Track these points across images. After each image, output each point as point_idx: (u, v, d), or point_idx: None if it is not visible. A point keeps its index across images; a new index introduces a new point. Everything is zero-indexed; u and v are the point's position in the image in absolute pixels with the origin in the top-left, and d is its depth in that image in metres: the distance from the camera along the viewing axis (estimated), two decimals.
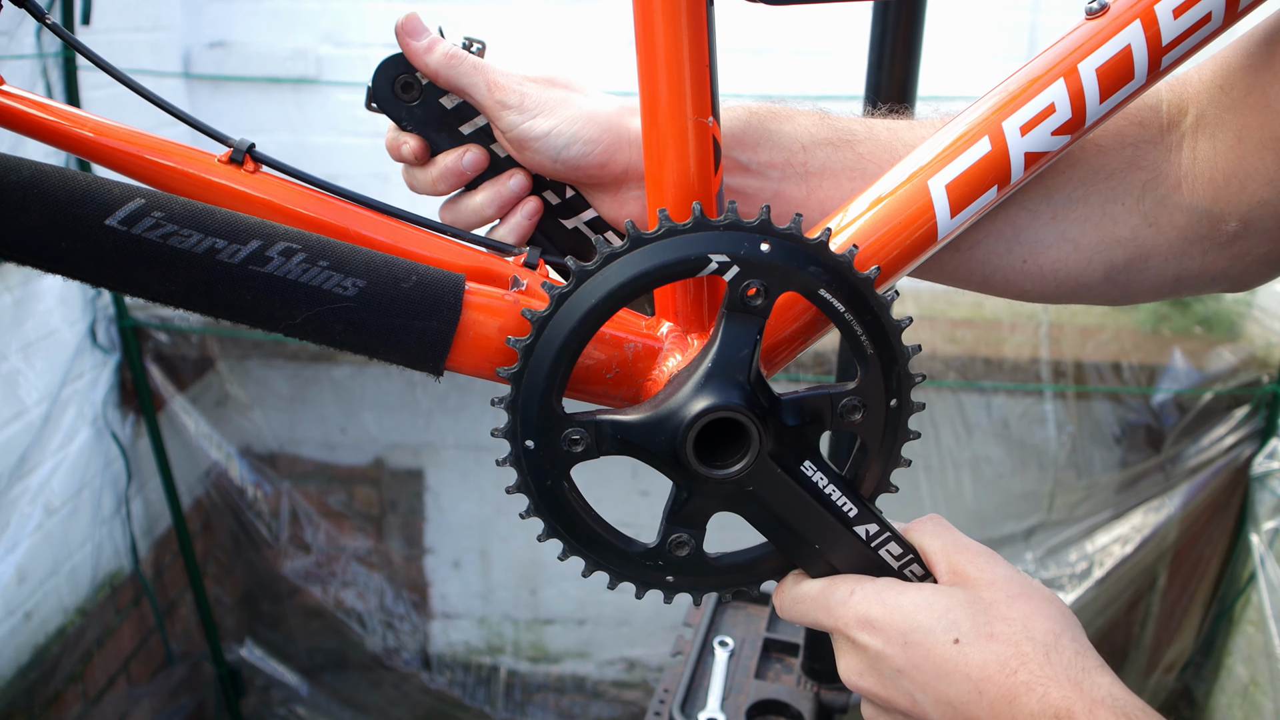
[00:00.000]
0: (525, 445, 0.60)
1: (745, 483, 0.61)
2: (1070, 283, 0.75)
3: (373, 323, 0.60)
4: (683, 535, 0.63)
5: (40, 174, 0.56)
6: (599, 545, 0.63)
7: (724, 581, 0.66)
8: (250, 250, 0.58)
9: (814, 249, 0.59)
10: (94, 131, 0.65)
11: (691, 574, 0.64)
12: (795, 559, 0.65)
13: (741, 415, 0.59)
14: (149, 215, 0.56)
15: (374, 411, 3.17)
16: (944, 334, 2.69)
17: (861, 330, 0.60)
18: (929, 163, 0.66)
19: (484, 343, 0.62)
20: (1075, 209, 0.73)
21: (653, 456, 0.60)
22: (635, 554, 0.64)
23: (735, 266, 0.58)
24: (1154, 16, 0.63)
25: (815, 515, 0.63)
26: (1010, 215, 0.73)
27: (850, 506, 0.63)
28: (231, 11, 2.93)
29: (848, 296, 0.59)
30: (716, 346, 0.60)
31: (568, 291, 0.59)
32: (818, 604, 0.64)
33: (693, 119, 0.63)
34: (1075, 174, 0.73)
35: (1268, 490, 2.59)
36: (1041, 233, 0.73)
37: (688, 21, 0.61)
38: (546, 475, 0.61)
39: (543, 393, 0.59)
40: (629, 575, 0.64)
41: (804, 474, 0.62)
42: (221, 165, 0.66)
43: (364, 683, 3.35)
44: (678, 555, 0.63)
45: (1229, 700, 2.74)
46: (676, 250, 0.58)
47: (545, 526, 0.63)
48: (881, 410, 0.62)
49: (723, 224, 0.58)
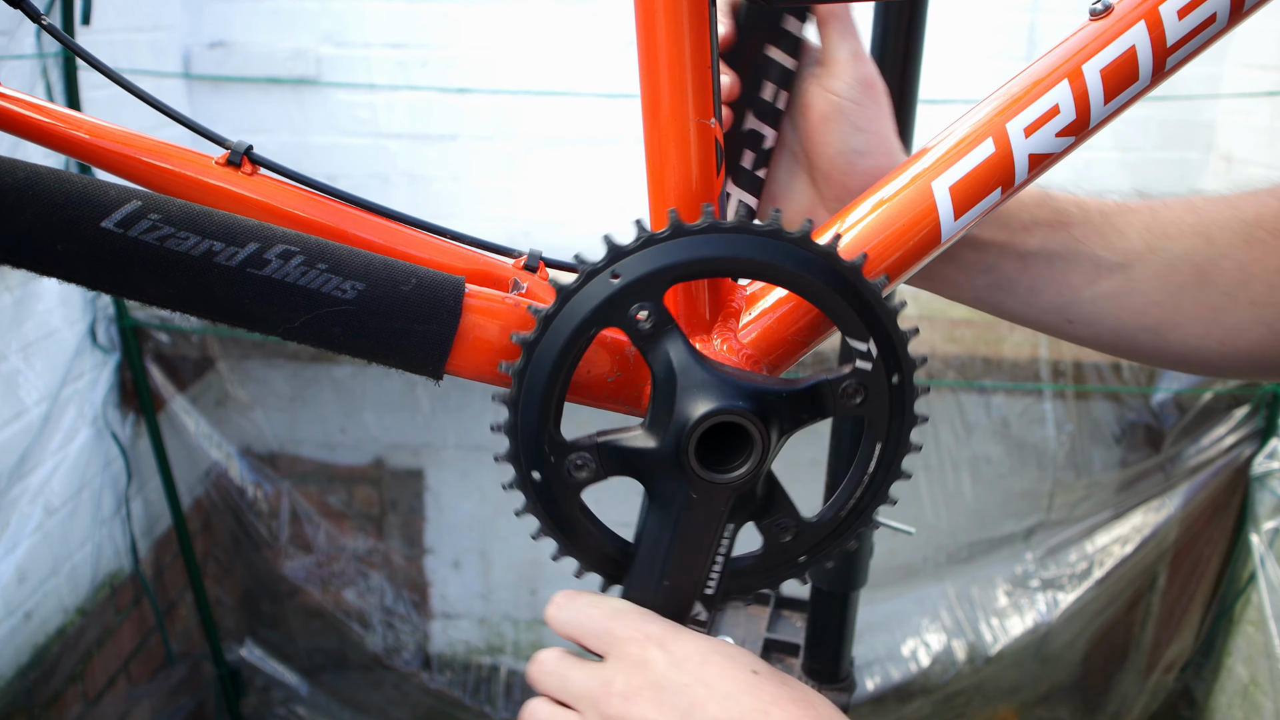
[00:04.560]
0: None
1: (696, 489, 0.60)
2: (1265, 362, 0.77)
3: (372, 326, 0.59)
4: (592, 462, 0.61)
5: (35, 176, 0.56)
6: (538, 396, 0.60)
7: (560, 526, 0.62)
8: (248, 253, 0.57)
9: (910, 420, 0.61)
10: (90, 133, 0.65)
11: (553, 493, 0.62)
12: (635, 572, 0.63)
13: (762, 444, 0.59)
14: (146, 217, 0.56)
15: (374, 411, 3.17)
16: (943, 333, 2.69)
17: (859, 497, 0.62)
18: (932, 165, 0.65)
19: (484, 346, 0.62)
20: (1273, 295, 0.75)
21: (671, 392, 0.59)
22: (549, 433, 0.61)
23: (870, 367, 0.60)
24: (1159, 17, 0.63)
25: (693, 564, 0.61)
26: (1210, 300, 0.75)
27: (713, 588, 0.62)
28: (231, 11, 2.92)
29: (886, 467, 0.62)
30: (803, 389, 0.61)
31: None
32: (620, 615, 0.60)
33: (695, 120, 0.62)
34: (1271, 261, 0.74)
35: (1268, 490, 2.59)
36: (1240, 316, 0.75)
37: (690, 22, 0.60)
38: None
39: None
40: (521, 440, 0.61)
41: (723, 530, 0.61)
42: (219, 167, 0.65)
43: (364, 683, 3.35)
44: (569, 471, 0.61)
45: (1229, 700, 2.74)
46: (857, 305, 0.59)
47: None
48: (796, 552, 0.64)
49: (905, 333, 0.60)
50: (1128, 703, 2.93)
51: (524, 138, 2.98)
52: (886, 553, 2.42)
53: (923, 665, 2.92)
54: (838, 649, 1.39)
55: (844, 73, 0.72)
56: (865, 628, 2.32)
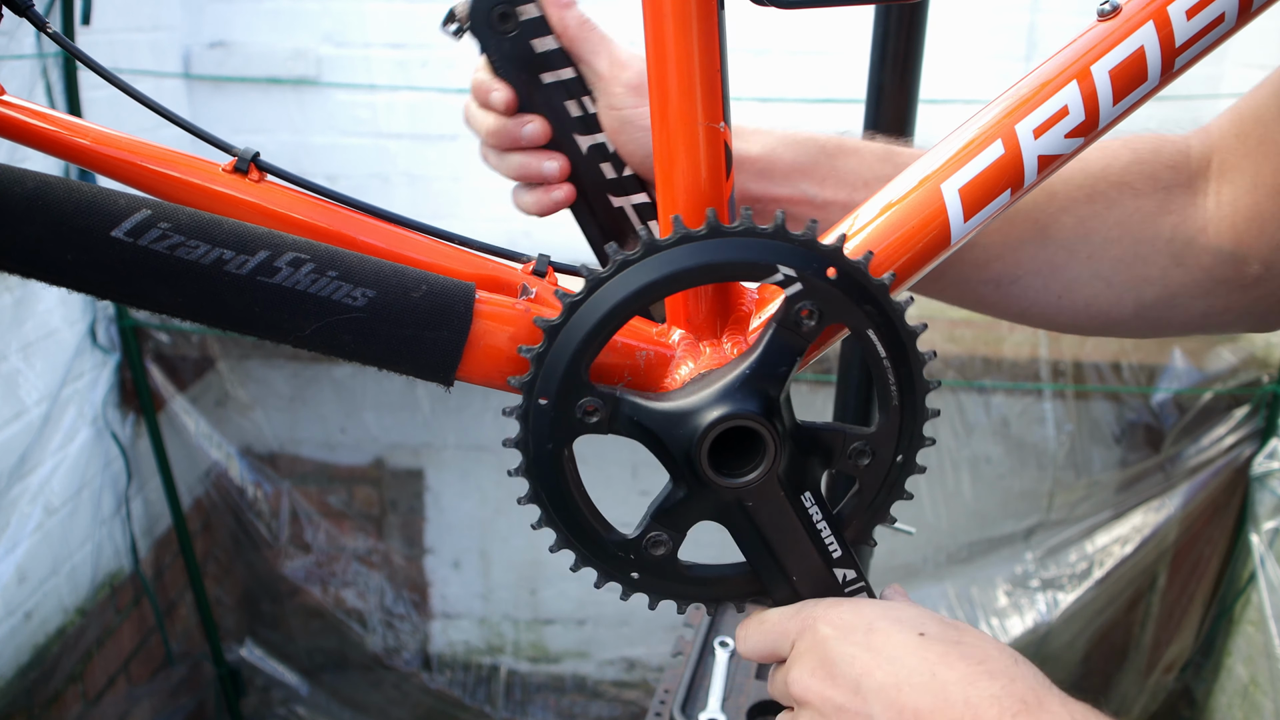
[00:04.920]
0: (538, 401, 0.59)
1: (746, 497, 0.60)
2: (1102, 317, 0.78)
3: (382, 333, 0.59)
4: (663, 535, 0.62)
5: (45, 186, 0.55)
6: (578, 523, 0.62)
7: (686, 592, 0.64)
8: (258, 261, 0.57)
9: (876, 290, 0.59)
10: (95, 141, 0.64)
11: (658, 576, 0.63)
12: (768, 586, 0.64)
13: (764, 429, 0.58)
14: (155, 226, 0.56)
15: (374, 411, 3.16)
16: (943, 333, 2.69)
17: (894, 380, 0.60)
18: (941, 166, 0.65)
19: (495, 352, 0.61)
20: (1110, 249, 0.76)
21: (663, 448, 0.60)
22: (610, 541, 0.62)
23: (799, 284, 0.58)
24: (1167, 18, 0.63)
25: (802, 547, 0.62)
26: (1049, 255, 0.76)
27: (836, 548, 0.63)
28: (231, 11, 2.92)
29: (893, 345, 0.59)
30: (758, 355, 0.59)
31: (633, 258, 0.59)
32: (786, 616, 0.62)
33: (704, 124, 0.62)
34: (1111, 216, 0.76)
35: (1268, 490, 2.59)
36: (1077, 271, 0.77)
37: (698, 25, 0.60)
38: (549, 438, 0.60)
39: (576, 354, 0.58)
40: (596, 561, 0.63)
41: (802, 504, 0.61)
42: (226, 174, 0.65)
43: (364, 683, 3.35)
44: (652, 554, 0.62)
45: (1229, 700, 2.74)
46: (748, 252, 0.58)
47: (530, 490, 0.61)
48: (887, 463, 0.62)
49: (799, 238, 0.58)
50: (1128, 703, 2.93)
51: None
52: (886, 553, 2.42)
53: None
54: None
55: (611, 85, 0.73)
56: None
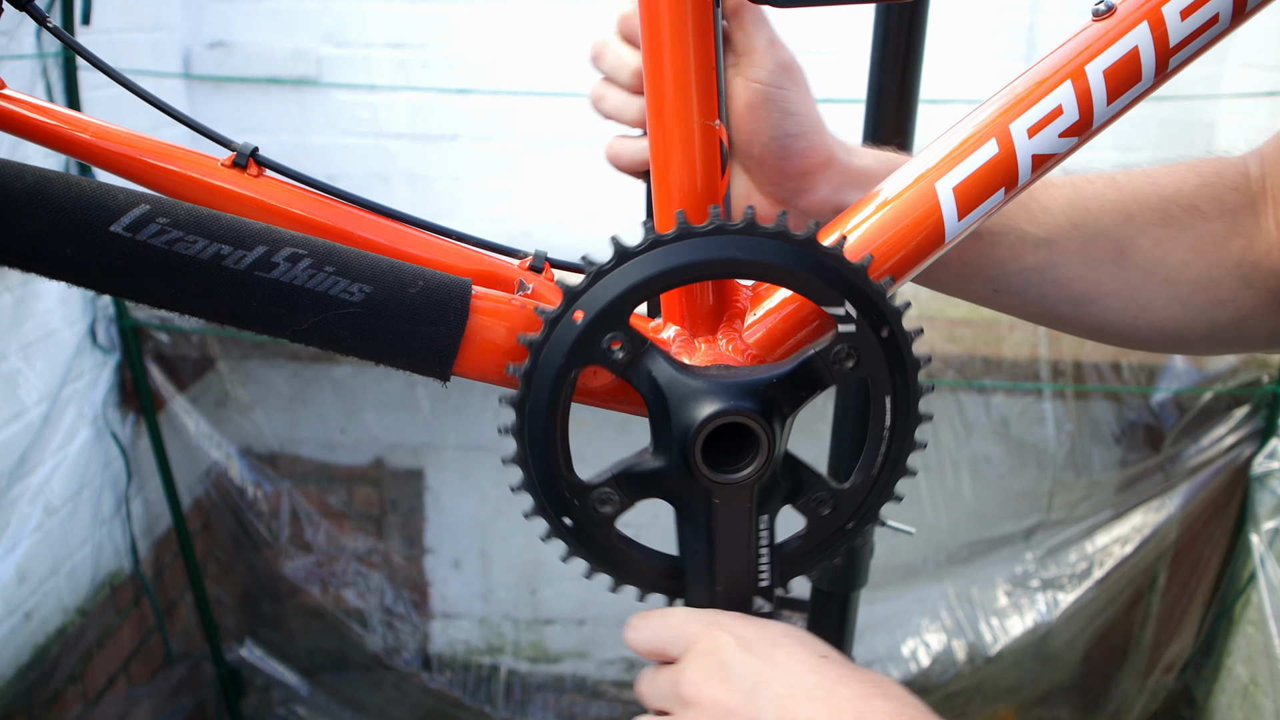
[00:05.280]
0: (572, 317, 0.59)
1: (717, 494, 0.60)
2: (1176, 338, 0.80)
3: (379, 328, 0.59)
4: (614, 495, 0.62)
5: (44, 180, 0.56)
6: (543, 449, 0.61)
7: (606, 560, 0.64)
8: (256, 256, 0.57)
9: (911, 364, 0.60)
10: (95, 135, 0.65)
11: (588, 533, 0.62)
12: (689, 584, 0.64)
13: (767, 438, 0.59)
14: (154, 221, 0.56)
15: (374, 411, 3.17)
16: (943, 333, 2.69)
17: (885, 451, 0.62)
18: (935, 165, 0.65)
19: (491, 347, 0.62)
20: (1186, 272, 0.78)
21: (664, 414, 0.60)
22: (564, 478, 0.61)
23: (853, 326, 0.59)
24: (1161, 18, 0.63)
25: (738, 562, 0.62)
26: (1127, 276, 0.78)
27: (765, 578, 0.63)
28: (231, 11, 2.92)
29: (901, 418, 0.61)
30: (789, 370, 0.60)
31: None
32: (691, 617, 0.62)
33: (699, 122, 0.62)
34: (1185, 239, 0.77)
35: (1268, 490, 2.59)
36: (1154, 293, 0.78)
37: (694, 24, 0.60)
38: (565, 353, 0.59)
39: (632, 289, 0.58)
40: (541, 492, 0.62)
41: (758, 523, 0.62)
42: (225, 169, 0.65)
43: (364, 683, 3.35)
44: (595, 507, 0.62)
45: (1229, 700, 2.74)
46: (828, 276, 0.59)
47: (517, 394, 0.61)
48: (840, 522, 0.64)
49: (877, 288, 0.59)
50: (1128, 703, 2.93)
51: (524, 138, 2.98)
52: (886, 553, 2.42)
53: (923, 665, 2.92)
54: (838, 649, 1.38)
55: (764, 60, 0.72)
56: (865, 628, 2.32)
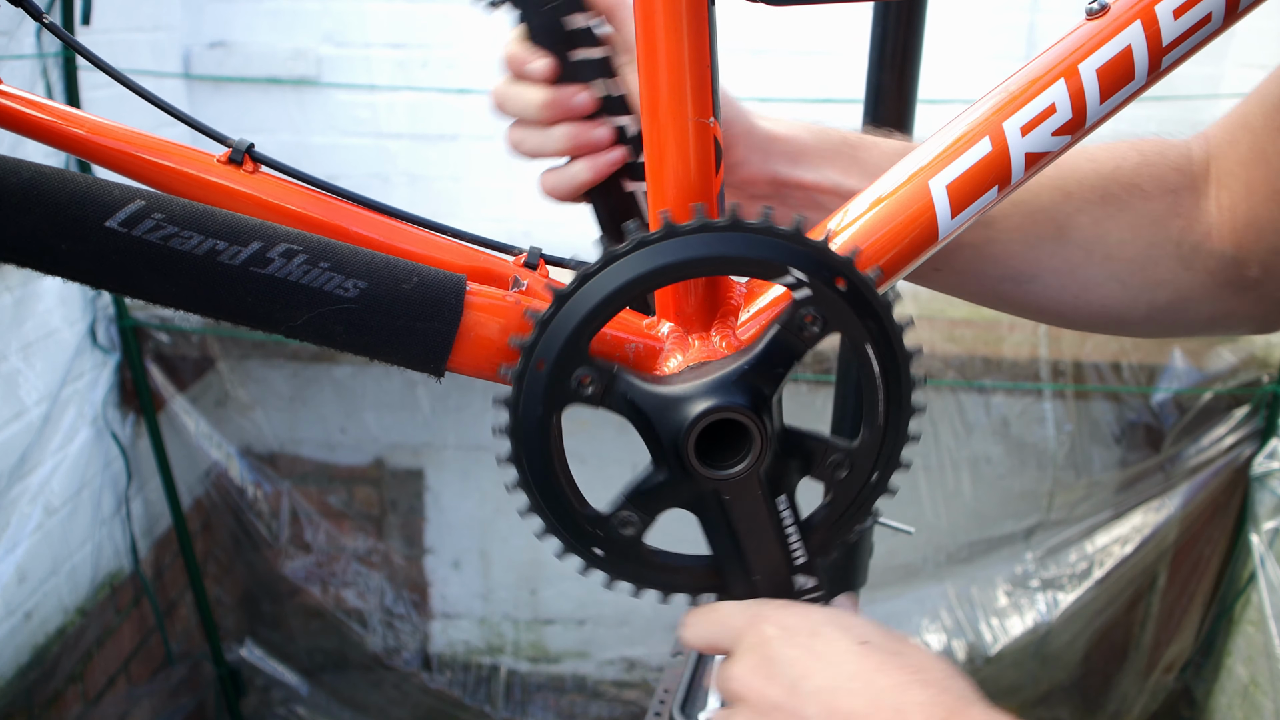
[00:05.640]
0: (535, 366, 0.59)
1: (725, 490, 0.61)
2: (1116, 318, 0.81)
3: (374, 324, 0.60)
4: (633, 515, 0.62)
5: (40, 176, 0.56)
6: (553, 491, 0.62)
7: (646, 576, 0.64)
8: (251, 252, 0.57)
9: (880, 307, 0.59)
10: (91, 131, 0.65)
11: (621, 556, 0.63)
12: (727, 580, 0.64)
13: (754, 424, 0.59)
14: (149, 217, 0.56)
15: (374, 411, 3.17)
16: (943, 333, 2.69)
17: (884, 399, 0.61)
18: (929, 163, 0.66)
19: (485, 343, 0.62)
20: (1124, 250, 0.78)
21: (651, 430, 0.60)
22: (582, 514, 0.62)
23: (808, 289, 0.59)
24: (1154, 17, 0.63)
25: (768, 547, 0.63)
26: (1066, 254, 0.78)
27: (800, 554, 0.63)
28: (231, 11, 2.93)
29: (888, 363, 0.60)
30: (758, 353, 0.60)
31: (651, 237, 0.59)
32: (736, 611, 0.62)
33: (693, 119, 0.62)
34: (1123, 217, 0.78)
35: (1268, 490, 2.59)
36: (1093, 271, 0.78)
37: (688, 20, 0.61)
38: (541, 403, 0.60)
39: (579, 325, 0.59)
40: (564, 532, 0.63)
41: (776, 505, 0.62)
42: (220, 165, 0.65)
43: (364, 683, 3.35)
44: (619, 532, 0.62)
45: (1229, 700, 2.74)
46: (763, 249, 0.58)
47: (511, 450, 0.62)
48: (862, 479, 0.63)
49: (815, 245, 0.59)
50: (1128, 703, 2.93)
51: None
52: (886, 553, 2.43)
53: None
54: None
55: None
56: None
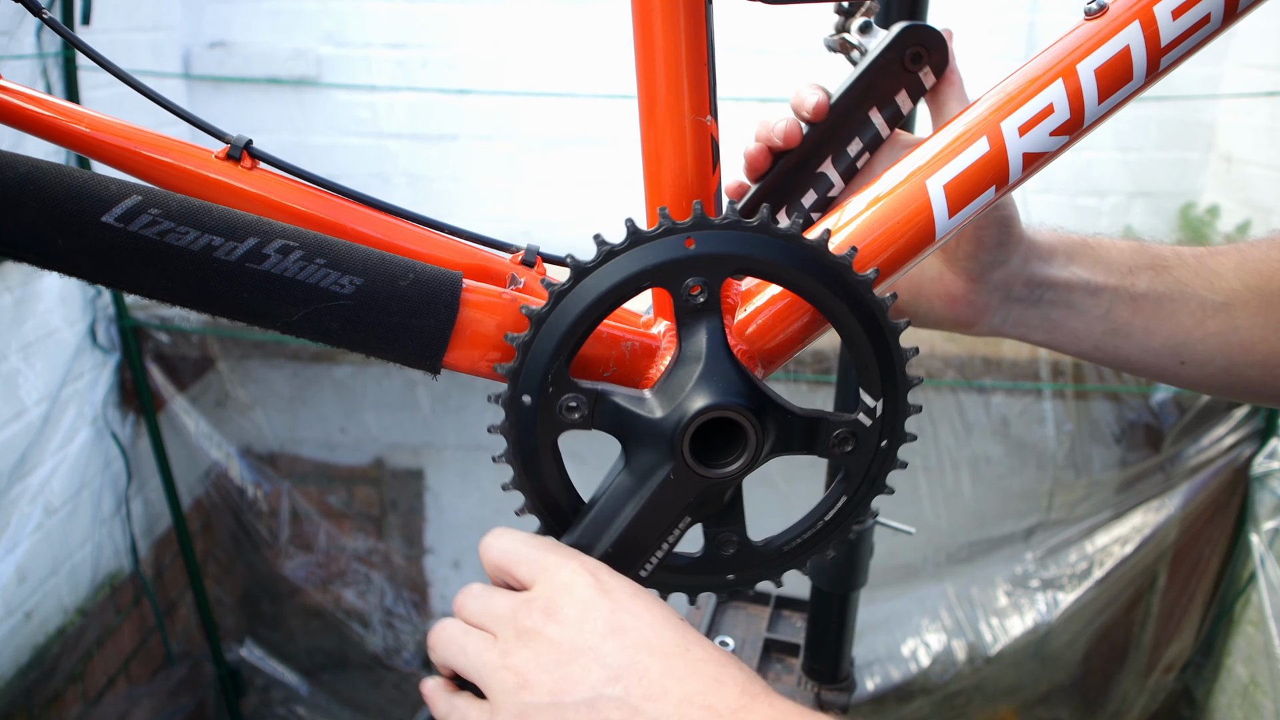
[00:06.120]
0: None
1: (674, 470, 0.60)
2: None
3: (370, 320, 0.60)
4: (578, 401, 0.60)
5: (36, 170, 0.56)
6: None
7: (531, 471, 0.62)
8: (247, 248, 0.58)
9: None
10: (90, 127, 0.65)
11: (536, 439, 0.62)
12: (582, 528, 0.62)
13: (756, 435, 0.59)
14: (146, 212, 0.56)
15: (374, 411, 3.17)
16: (943, 333, 2.69)
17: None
18: (927, 163, 0.66)
19: (481, 340, 0.62)
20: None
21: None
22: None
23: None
24: (1153, 17, 0.63)
25: (643, 542, 0.62)
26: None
27: (649, 571, 0.63)
28: (231, 11, 2.93)
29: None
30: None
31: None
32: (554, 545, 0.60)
33: (690, 118, 0.63)
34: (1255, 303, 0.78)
35: (1268, 490, 2.59)
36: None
37: (686, 19, 0.61)
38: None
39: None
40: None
41: (681, 520, 0.62)
42: (218, 161, 0.66)
43: (364, 683, 3.35)
44: (564, 416, 0.61)
45: (1229, 700, 2.74)
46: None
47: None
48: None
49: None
50: (1128, 703, 2.93)
51: (524, 138, 2.99)
52: (886, 553, 2.43)
53: (923, 665, 2.92)
54: (838, 649, 1.39)
55: None
56: (865, 628, 2.32)
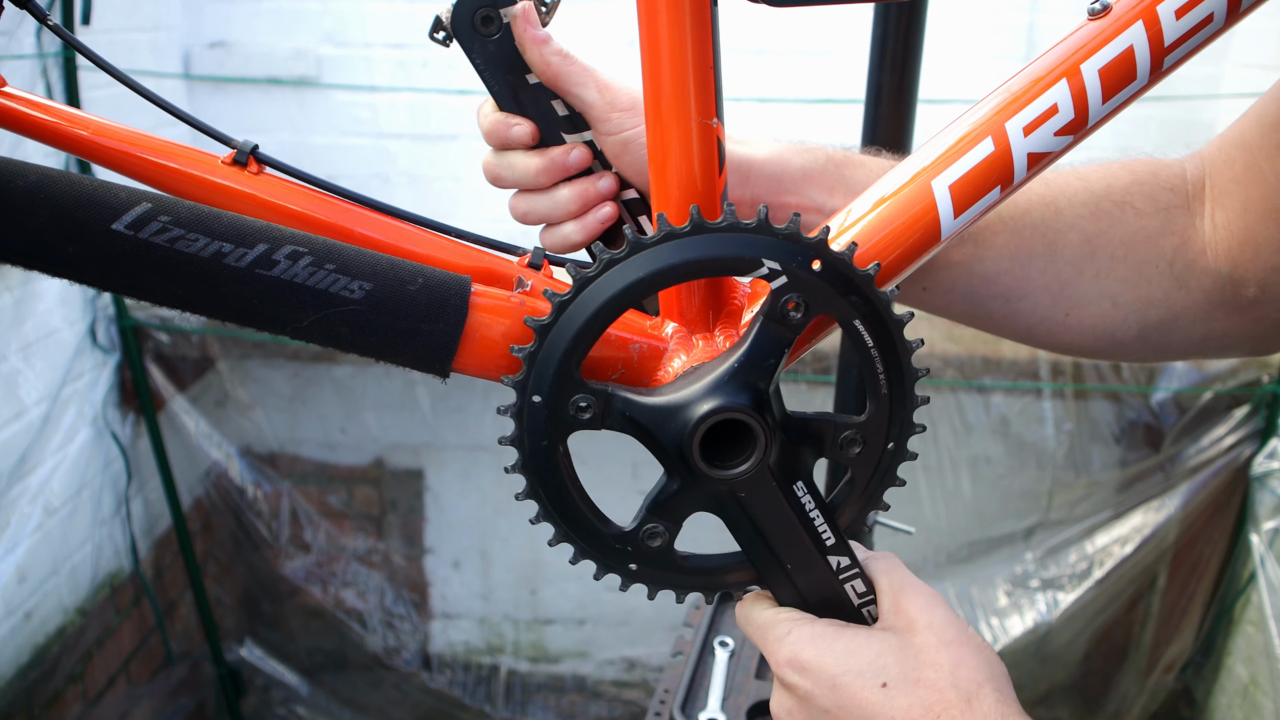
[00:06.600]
0: (532, 399, 0.60)
1: (739, 488, 0.61)
2: (1107, 338, 0.79)
3: (380, 325, 0.60)
4: (659, 526, 0.62)
5: (46, 179, 0.56)
6: (575, 517, 0.63)
7: (685, 582, 0.65)
8: (257, 254, 0.58)
9: (861, 280, 0.59)
10: (95, 133, 0.65)
11: (655, 567, 0.64)
12: (763, 575, 0.65)
13: (754, 421, 0.59)
14: (156, 219, 0.56)
15: (374, 411, 3.17)
16: (943, 332, 2.69)
17: (883, 369, 0.61)
18: (932, 163, 0.66)
19: (490, 345, 0.62)
20: (1116, 268, 0.77)
21: (656, 442, 0.61)
22: (608, 534, 0.63)
23: (784, 277, 0.58)
24: (1156, 17, 0.63)
25: (795, 536, 0.63)
26: (1057, 270, 0.77)
27: (829, 535, 0.63)
28: (231, 11, 2.93)
29: (880, 334, 0.60)
30: (746, 349, 0.60)
31: (651, 242, 0.59)
32: (761, 632, 0.64)
33: (697, 120, 0.62)
34: (1115, 234, 0.77)
35: (1268, 490, 2.59)
36: (1085, 289, 0.78)
37: (692, 22, 0.61)
38: (544, 435, 0.60)
39: (567, 352, 0.59)
40: (594, 553, 0.64)
41: (794, 493, 0.62)
42: (225, 167, 0.66)
43: (364, 683, 3.35)
44: (648, 545, 0.63)
45: (1229, 700, 2.74)
46: (732, 247, 0.58)
47: (527, 486, 0.62)
48: (878, 451, 0.63)
49: (783, 232, 0.58)
50: (1128, 703, 2.93)
51: None
52: None
53: None
54: None
55: (607, 112, 0.73)
56: None
